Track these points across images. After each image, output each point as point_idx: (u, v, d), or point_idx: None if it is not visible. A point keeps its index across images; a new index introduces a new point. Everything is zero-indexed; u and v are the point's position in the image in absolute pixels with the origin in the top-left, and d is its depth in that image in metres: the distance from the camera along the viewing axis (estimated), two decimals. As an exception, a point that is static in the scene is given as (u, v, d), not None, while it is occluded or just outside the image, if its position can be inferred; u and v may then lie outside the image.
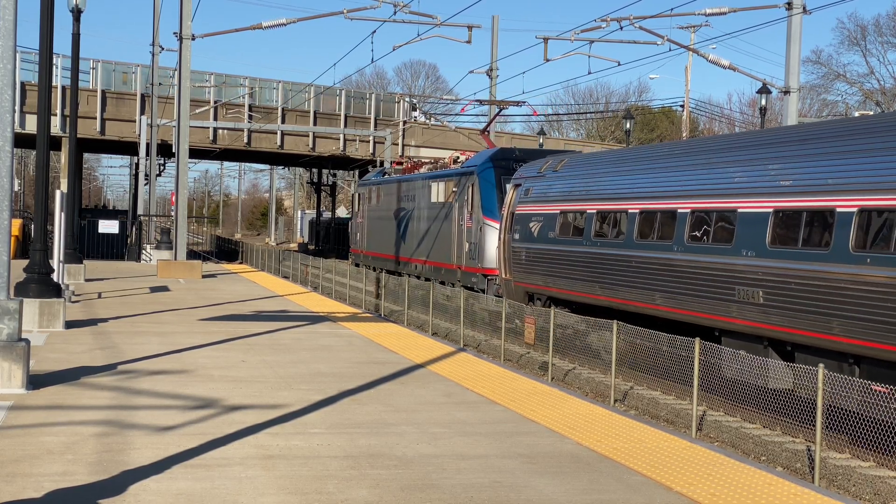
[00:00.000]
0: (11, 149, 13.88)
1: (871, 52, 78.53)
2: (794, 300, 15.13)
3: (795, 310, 15.07)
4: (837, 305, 14.13)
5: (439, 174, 34.55)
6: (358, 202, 46.75)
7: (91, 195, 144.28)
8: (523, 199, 25.83)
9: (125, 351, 18.00)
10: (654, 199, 19.83)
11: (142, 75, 60.29)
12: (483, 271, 29.18)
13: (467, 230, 30.65)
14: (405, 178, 38.96)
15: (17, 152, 52.35)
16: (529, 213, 25.32)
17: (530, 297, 25.30)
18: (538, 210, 24.90)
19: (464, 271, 30.70)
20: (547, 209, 24.47)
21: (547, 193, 24.82)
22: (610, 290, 20.97)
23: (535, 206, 25.09)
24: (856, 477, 12.53)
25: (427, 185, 35.47)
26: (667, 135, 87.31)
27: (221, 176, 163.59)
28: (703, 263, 17.68)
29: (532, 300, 25.07)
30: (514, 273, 25.78)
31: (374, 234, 42.44)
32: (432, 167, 37.23)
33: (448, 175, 33.31)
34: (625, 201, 21.02)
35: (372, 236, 42.93)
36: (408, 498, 9.12)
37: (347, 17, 38.99)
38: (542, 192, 25.10)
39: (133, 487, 9.14)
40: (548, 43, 39.04)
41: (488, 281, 28.78)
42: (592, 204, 22.34)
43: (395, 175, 41.23)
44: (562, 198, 24.02)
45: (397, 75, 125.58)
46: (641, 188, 20.67)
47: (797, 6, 30.50)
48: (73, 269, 33.41)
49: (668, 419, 16.07)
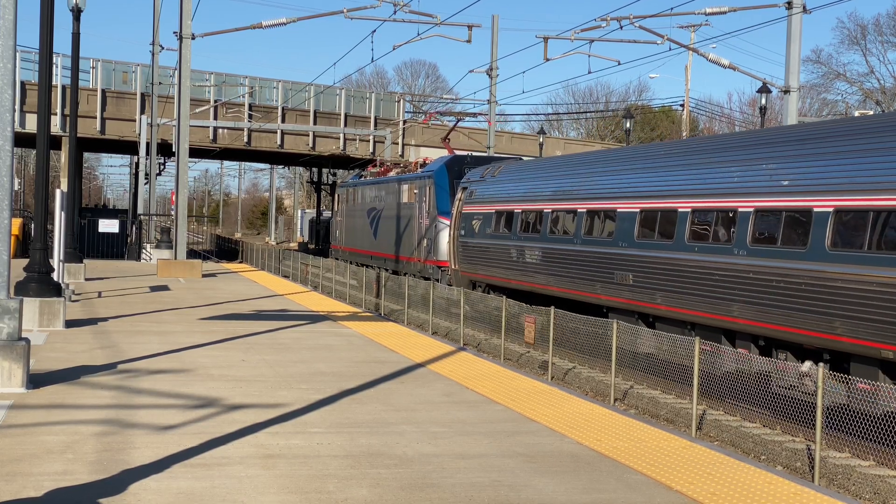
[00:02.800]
0: (11, 148, 13.89)
1: (870, 51, 78.57)
2: (651, 280, 19.71)
3: (652, 288, 19.74)
4: (677, 283, 18.89)
5: (404, 178, 38.32)
6: (338, 202, 50.88)
7: (91, 194, 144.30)
8: (468, 201, 30.06)
9: (125, 350, 18.01)
10: (563, 201, 24.33)
11: (142, 75, 60.28)
12: (438, 263, 33.06)
13: (425, 227, 34.52)
14: (377, 180, 42.66)
15: (17, 151, 52.32)
16: (472, 212, 29.56)
17: (473, 284, 29.54)
18: (479, 210, 29.19)
19: (423, 264, 34.63)
20: (485, 209, 28.71)
21: (485, 195, 29.06)
22: (531, 277, 25.33)
23: (477, 207, 29.34)
24: (855, 476, 12.53)
25: (394, 188, 39.21)
26: (667, 134, 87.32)
27: (221, 175, 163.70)
28: (594, 253, 22.20)
29: (475, 287, 29.22)
30: (461, 264, 30.11)
31: (351, 232, 46.32)
32: (401, 171, 40.77)
33: (411, 178, 37.19)
34: (541, 203, 25.36)
35: (349, 233, 46.77)
36: (408, 497, 9.12)
37: (347, 17, 39.01)
38: (482, 195, 29.36)
39: (133, 486, 9.14)
40: (548, 42, 39.07)
41: (441, 272, 32.64)
42: (518, 205, 26.68)
43: (370, 178, 44.83)
44: (496, 199, 28.25)
45: (397, 75, 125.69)
46: (554, 192, 24.84)
47: (797, 5, 30.49)
48: (73, 269, 33.42)
49: (667, 418, 16.07)
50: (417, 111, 77.77)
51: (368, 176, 45.39)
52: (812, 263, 15.06)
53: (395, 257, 38.07)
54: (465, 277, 29.94)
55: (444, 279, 31.94)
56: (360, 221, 44.64)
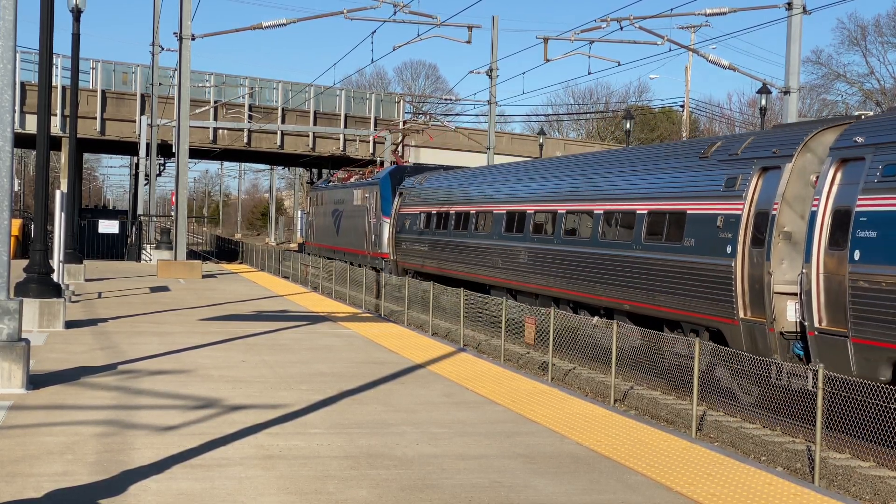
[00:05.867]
0: (11, 149, 13.88)
1: (871, 52, 78.52)
2: (513, 263, 26.60)
3: (514, 270, 26.49)
4: (531, 266, 25.33)
5: (358, 184, 44.87)
6: (309, 203, 57.83)
7: (91, 195, 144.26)
8: (403, 204, 37.57)
9: (125, 351, 18.00)
10: (461, 205, 31.57)
11: (142, 75, 60.29)
12: (381, 255, 39.77)
13: (373, 226, 41.10)
14: (339, 185, 49.09)
15: (17, 152, 52.32)
16: (406, 213, 36.94)
17: (406, 271, 35.96)
18: (409, 211, 36.56)
19: (371, 256, 41.15)
20: (413, 210, 36.06)
21: (414, 200, 36.44)
22: (443, 264, 32.23)
23: (408, 209, 36.74)
24: (856, 477, 12.53)
25: (352, 192, 45.48)
26: (667, 135, 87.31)
27: (221, 176, 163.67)
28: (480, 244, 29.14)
29: (406, 273, 35.20)
30: (398, 255, 37.48)
31: (319, 229, 52.71)
32: (360, 177, 46.53)
33: (364, 185, 43.69)
34: (450, 205, 32.47)
35: (318, 231, 53.29)
36: (408, 498, 9.12)
37: (347, 17, 38.98)
38: (412, 199, 36.74)
39: (133, 487, 9.14)
40: (548, 43, 39.03)
41: (384, 262, 39.15)
42: (435, 207, 33.90)
43: (335, 183, 51.13)
44: (421, 203, 35.59)
45: (397, 75, 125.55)
46: (463, 196, 32.03)
47: (797, 6, 30.49)
48: (73, 269, 33.42)
49: (668, 419, 16.07)
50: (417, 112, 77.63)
51: (337, 181, 51.23)
52: (636, 251, 20.52)
53: (352, 251, 44.59)
54: (400, 266, 36.94)
55: (386, 268, 38.25)
56: (326, 220, 50.60)
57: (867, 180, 14.36)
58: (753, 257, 16.85)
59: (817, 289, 14.91)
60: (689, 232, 18.67)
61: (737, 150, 18.25)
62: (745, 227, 17.11)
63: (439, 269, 32.56)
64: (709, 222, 18.10)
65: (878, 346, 13.66)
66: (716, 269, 17.59)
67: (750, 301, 16.81)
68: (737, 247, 17.14)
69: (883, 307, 13.60)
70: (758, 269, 16.65)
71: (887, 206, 13.90)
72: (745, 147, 18.11)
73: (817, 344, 14.83)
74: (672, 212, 19.38)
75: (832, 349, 14.50)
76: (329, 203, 50.21)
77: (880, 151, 14.34)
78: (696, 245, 18.31)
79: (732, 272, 17.10)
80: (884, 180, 14.06)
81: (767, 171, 17.12)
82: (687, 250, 18.58)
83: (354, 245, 44.16)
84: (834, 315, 14.60)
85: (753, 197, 17.21)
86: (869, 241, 14.01)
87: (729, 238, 17.40)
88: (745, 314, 16.86)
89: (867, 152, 14.60)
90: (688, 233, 18.69)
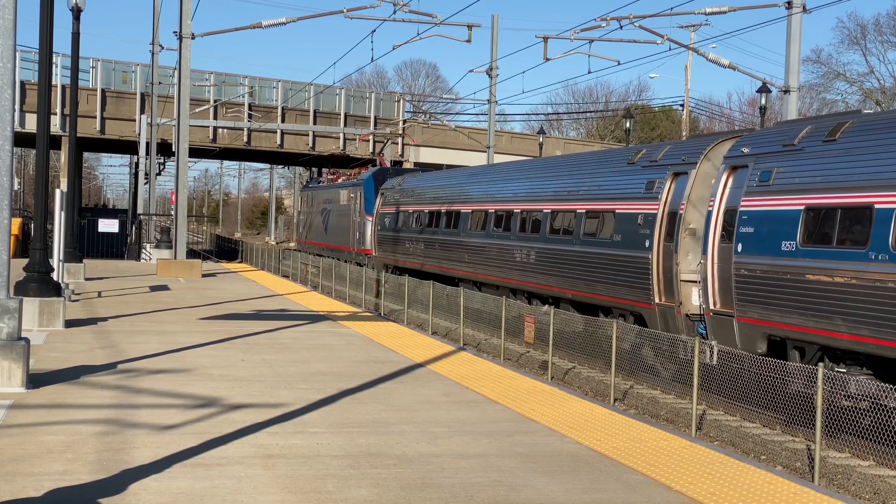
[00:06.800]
0: (11, 148, 13.88)
1: (870, 51, 78.51)
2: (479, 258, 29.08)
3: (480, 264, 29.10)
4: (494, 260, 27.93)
5: (345, 184, 47.09)
6: (301, 203, 60.21)
7: (91, 194, 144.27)
8: (384, 203, 40.26)
9: (125, 350, 18.01)
10: (433, 204, 34.38)
11: (142, 74, 60.26)
12: (365, 252, 42.34)
13: (357, 224, 43.62)
14: (328, 186, 51.33)
15: (16, 151, 52.29)
16: (386, 212, 39.62)
17: (386, 266, 38.36)
18: (389, 210, 39.22)
19: (356, 252, 43.56)
20: (393, 210, 38.70)
21: (394, 200, 39.06)
22: (423, 260, 34.54)
23: (389, 208, 39.35)
24: (855, 476, 12.53)
25: (339, 192, 47.67)
26: (667, 134, 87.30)
27: (221, 175, 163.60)
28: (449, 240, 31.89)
29: (387, 269, 37.65)
30: (379, 251, 40.14)
31: (310, 228, 54.94)
32: (346, 178, 48.98)
33: (349, 185, 46.01)
34: (423, 205, 35.26)
35: (308, 229, 55.50)
36: (407, 497, 9.12)
37: (347, 16, 38.98)
38: (391, 199, 39.46)
39: (133, 486, 9.14)
40: (548, 42, 39.02)
41: (368, 258, 41.69)
42: (411, 207, 36.71)
43: (324, 183, 53.21)
44: (399, 202, 38.21)
45: (397, 74, 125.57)
46: (434, 197, 34.74)
47: (797, 5, 30.47)
48: (73, 268, 33.42)
49: (667, 418, 16.08)
50: (417, 111, 77.59)
51: (326, 182, 53.59)
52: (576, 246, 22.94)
53: (339, 248, 46.80)
54: (381, 262, 39.58)
55: (369, 264, 40.53)
56: (316, 219, 52.87)
57: (749, 185, 16.92)
58: (666, 250, 19.43)
59: (712, 277, 17.49)
60: (617, 229, 21.20)
61: (656, 158, 20.86)
62: (660, 224, 19.74)
63: (415, 264, 35.16)
64: (633, 220, 20.68)
65: (756, 324, 16.26)
66: (637, 261, 20.20)
67: (664, 288, 19.42)
68: (653, 241, 19.73)
69: (759, 291, 16.11)
70: (669, 261, 19.24)
71: (761, 207, 16.45)
72: (662, 155, 20.74)
73: (712, 323, 17.42)
74: (605, 211, 21.99)
75: (723, 327, 17.06)
76: (318, 203, 52.37)
77: (759, 160, 16.94)
78: (623, 240, 20.88)
79: (650, 263, 19.71)
80: (760, 185, 16.63)
81: (678, 176, 19.70)
82: (616, 245, 21.15)
83: (341, 242, 46.50)
84: (724, 299, 17.17)
85: (667, 198, 19.80)
86: (748, 235, 16.55)
87: (647, 234, 19.96)
88: (660, 300, 19.44)
89: (750, 161, 17.19)
90: (616, 229, 21.24)
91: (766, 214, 16.22)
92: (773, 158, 16.65)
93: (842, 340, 14.40)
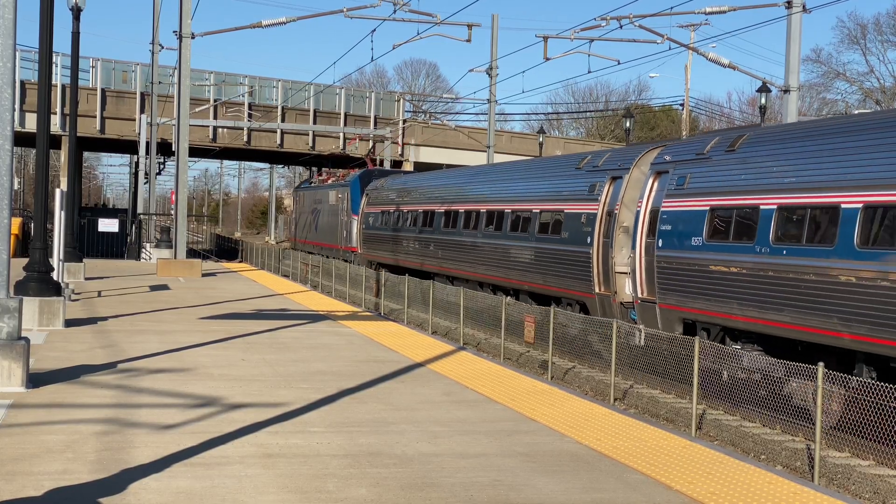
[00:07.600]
0: (11, 147, 13.88)
1: (870, 50, 78.46)
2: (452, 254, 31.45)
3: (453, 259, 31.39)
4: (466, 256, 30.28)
5: (333, 185, 49.69)
6: (294, 203, 62.76)
7: (91, 194, 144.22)
8: (368, 203, 43.20)
9: (125, 349, 18.01)
10: (410, 204, 36.92)
11: (141, 74, 60.25)
12: (351, 249, 44.91)
13: (345, 223, 46.10)
14: (318, 187, 53.90)
15: (16, 151, 52.27)
16: (370, 211, 42.46)
17: (370, 263, 41.05)
18: (374, 210, 41.98)
19: (343, 250, 45.94)
20: (377, 209, 41.47)
21: (377, 200, 41.98)
22: (401, 256, 37.20)
23: (373, 208, 42.23)
24: (855, 475, 12.53)
25: (328, 193, 50.19)
26: (667, 133, 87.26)
27: (221, 174, 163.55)
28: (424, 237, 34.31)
29: (371, 265, 40.26)
30: (364, 249, 43.20)
31: (302, 227, 57.12)
32: (336, 179, 51.32)
33: (338, 186, 48.53)
34: (402, 205, 37.85)
35: (300, 228, 57.77)
36: (407, 497, 9.12)
37: (347, 16, 38.98)
38: (375, 199, 42.27)
39: (133, 486, 9.14)
40: (548, 42, 39.04)
41: (354, 255, 44.14)
42: (392, 206, 39.18)
43: (315, 184, 55.75)
44: (382, 202, 40.97)
45: (397, 74, 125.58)
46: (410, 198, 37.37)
47: (797, 5, 30.47)
48: (73, 268, 33.41)
49: (667, 418, 16.08)
50: (417, 110, 77.59)
51: (317, 183, 56.08)
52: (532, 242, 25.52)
53: (328, 246, 49.32)
54: (365, 258, 42.27)
55: (355, 261, 42.46)
56: (308, 218, 55.23)
57: (668, 188, 19.33)
58: (605, 246, 21.84)
59: (640, 269, 19.91)
60: (565, 227, 23.74)
61: (598, 164, 23.36)
62: (599, 222, 22.21)
63: (395, 260, 37.95)
64: (578, 219, 23.20)
65: (673, 309, 18.71)
66: (581, 255, 22.71)
67: (602, 280, 21.90)
68: (594, 238, 22.25)
69: (675, 281, 18.54)
70: (606, 255, 21.70)
71: (678, 207, 18.83)
72: (603, 161, 23.24)
73: (640, 310, 19.89)
74: (555, 211, 24.53)
75: (648, 313, 19.49)
76: (310, 203, 54.99)
77: (677, 167, 19.33)
78: (570, 237, 23.39)
79: (591, 257, 22.24)
80: (677, 188, 19.00)
81: (615, 180, 22.18)
82: (564, 241, 23.67)
83: (329, 240, 49.21)
84: (650, 288, 19.54)
85: (606, 200, 22.27)
86: (667, 232, 18.96)
87: (589, 231, 22.50)
88: (600, 290, 21.94)
89: (671, 167, 19.60)
90: (564, 227, 23.76)
91: (681, 214, 18.66)
92: (687, 165, 19.02)
93: (738, 322, 16.80)
